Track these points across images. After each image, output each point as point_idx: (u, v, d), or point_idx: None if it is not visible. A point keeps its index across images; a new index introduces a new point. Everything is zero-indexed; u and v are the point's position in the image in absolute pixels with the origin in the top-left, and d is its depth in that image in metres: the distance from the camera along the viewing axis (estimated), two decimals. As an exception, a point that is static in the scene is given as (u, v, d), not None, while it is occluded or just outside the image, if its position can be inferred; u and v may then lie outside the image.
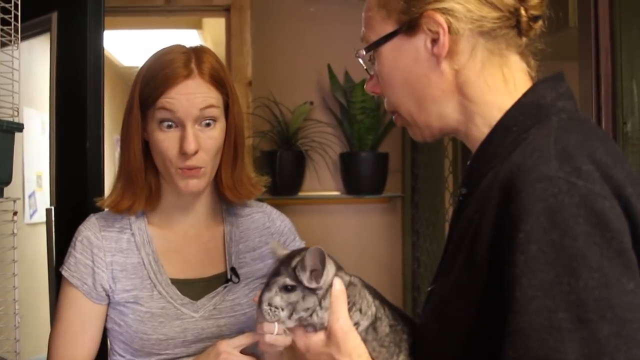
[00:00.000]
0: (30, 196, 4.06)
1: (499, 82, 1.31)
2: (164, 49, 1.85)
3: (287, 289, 1.36)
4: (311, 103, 4.41)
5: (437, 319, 1.27)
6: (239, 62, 4.25)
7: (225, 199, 1.93)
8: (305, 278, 1.35)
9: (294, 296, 1.35)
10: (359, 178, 4.36)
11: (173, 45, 1.85)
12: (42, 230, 2.56)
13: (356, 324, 1.38)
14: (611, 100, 2.15)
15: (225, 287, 1.89)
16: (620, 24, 2.16)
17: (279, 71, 4.41)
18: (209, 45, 5.14)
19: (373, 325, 1.39)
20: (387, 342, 1.39)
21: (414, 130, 1.39)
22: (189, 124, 1.75)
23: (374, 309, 1.41)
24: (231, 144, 1.86)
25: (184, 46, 1.85)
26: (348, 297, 1.38)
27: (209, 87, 1.79)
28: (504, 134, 1.27)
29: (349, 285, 1.40)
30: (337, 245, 4.40)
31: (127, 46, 4.97)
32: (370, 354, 1.36)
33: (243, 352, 1.72)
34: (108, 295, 1.85)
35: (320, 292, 1.36)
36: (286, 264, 1.38)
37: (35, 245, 3.16)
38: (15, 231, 2.11)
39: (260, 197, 2.02)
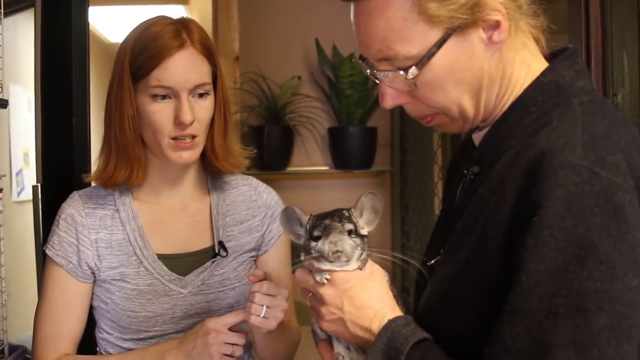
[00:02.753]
0: (17, 174, 4.03)
1: (529, 58, 1.29)
2: (148, 20, 1.81)
3: (349, 232, 1.34)
4: (299, 78, 4.40)
5: (443, 299, 1.26)
6: (226, 37, 4.22)
7: (213, 170, 1.91)
8: (362, 221, 1.38)
9: (356, 239, 1.34)
10: (348, 153, 4.35)
11: (158, 17, 1.81)
12: (30, 208, 2.54)
13: None
14: (601, 72, 2.14)
15: (214, 261, 1.88)
16: (611, -4, 2.15)
17: (267, 46, 4.39)
18: (195, 20, 5.11)
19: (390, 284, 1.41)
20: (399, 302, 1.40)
21: (455, 125, 1.33)
22: (184, 95, 1.74)
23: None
24: (221, 115, 1.85)
25: (169, 17, 1.82)
26: None
27: (202, 59, 1.77)
28: (522, 114, 1.25)
29: None
30: (326, 220, 4.39)
31: (113, 22, 4.93)
32: None
33: (232, 329, 1.72)
34: (93, 273, 1.83)
35: (367, 247, 1.37)
36: (336, 217, 1.36)
37: (23, 223, 3.14)
38: (0, 208, 2.09)
39: (248, 172, 2.01)
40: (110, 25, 5.07)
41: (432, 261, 1.37)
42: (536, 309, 1.06)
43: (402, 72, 1.24)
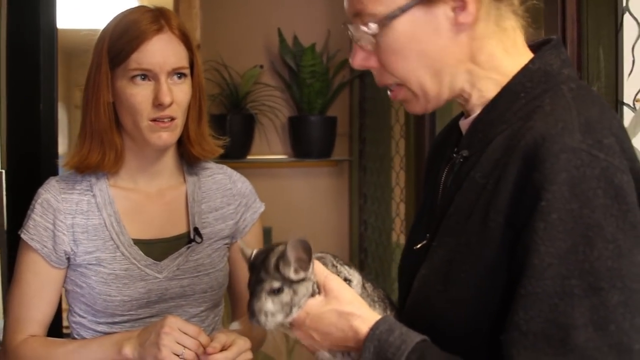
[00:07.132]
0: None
1: (508, 47, 1.32)
2: (127, 9, 1.87)
3: (275, 292, 1.29)
4: (261, 67, 4.40)
5: (442, 281, 1.28)
6: (187, 25, 4.17)
7: (188, 156, 1.96)
8: (291, 273, 1.29)
9: (285, 296, 1.29)
10: (308, 141, 4.38)
11: (137, 6, 1.88)
12: (-7, 194, 2.53)
13: (346, 281, 1.37)
14: (577, 65, 2.17)
15: (189, 247, 1.91)
16: (587, -11, 2.18)
17: (228, 34, 4.38)
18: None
19: (363, 283, 1.39)
20: (377, 298, 1.40)
21: (418, 103, 1.35)
22: (163, 77, 1.79)
23: (353, 269, 1.41)
24: (197, 101, 1.90)
25: (147, 6, 1.87)
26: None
27: (180, 43, 1.83)
28: (511, 100, 1.29)
29: (320, 259, 1.37)
30: (286, 208, 4.42)
31: (80, 8, 4.91)
32: None
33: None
34: (68, 259, 1.85)
35: (312, 277, 1.32)
36: (265, 266, 1.31)
37: (-15, 208, 3.12)
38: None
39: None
40: (76, 12, 5.05)
41: (419, 245, 1.40)
42: (550, 291, 1.11)
43: (362, 27, 1.29)
